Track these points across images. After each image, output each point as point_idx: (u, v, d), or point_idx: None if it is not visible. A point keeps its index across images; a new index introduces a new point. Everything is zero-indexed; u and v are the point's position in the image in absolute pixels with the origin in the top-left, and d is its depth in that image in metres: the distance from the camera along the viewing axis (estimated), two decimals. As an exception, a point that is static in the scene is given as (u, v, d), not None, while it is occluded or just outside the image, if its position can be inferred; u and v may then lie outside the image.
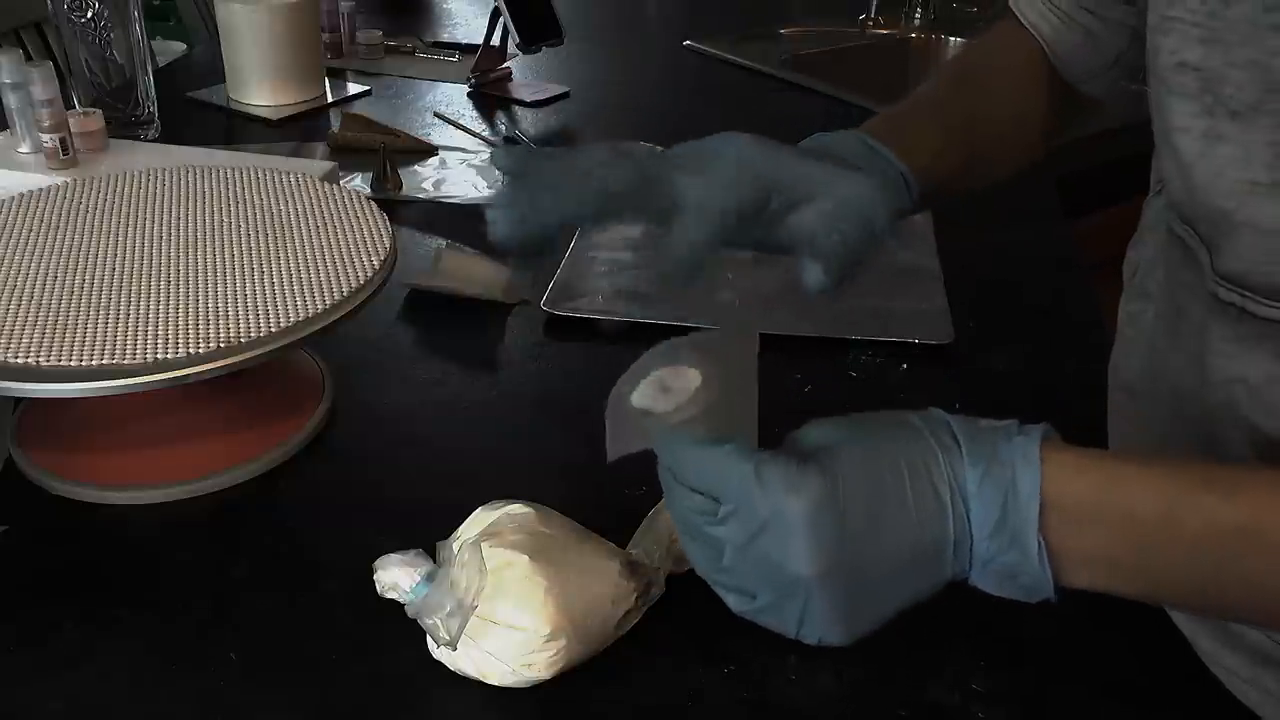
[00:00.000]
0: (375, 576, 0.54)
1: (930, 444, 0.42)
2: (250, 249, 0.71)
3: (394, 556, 0.54)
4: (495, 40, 1.42)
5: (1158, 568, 0.42)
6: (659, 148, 0.54)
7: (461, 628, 0.52)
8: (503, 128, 1.32)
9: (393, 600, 0.54)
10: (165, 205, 0.77)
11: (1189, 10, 0.46)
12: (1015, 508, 0.40)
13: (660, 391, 0.45)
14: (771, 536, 0.40)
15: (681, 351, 0.46)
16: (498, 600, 0.53)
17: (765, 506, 0.40)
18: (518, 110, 1.39)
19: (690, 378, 0.45)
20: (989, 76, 0.67)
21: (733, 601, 0.44)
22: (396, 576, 0.54)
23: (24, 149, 0.99)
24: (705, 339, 0.47)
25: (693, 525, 0.43)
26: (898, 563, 0.41)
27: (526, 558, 0.53)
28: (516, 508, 0.57)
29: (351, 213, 0.76)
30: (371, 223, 0.75)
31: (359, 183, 1.10)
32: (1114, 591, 0.42)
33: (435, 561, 0.55)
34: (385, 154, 1.09)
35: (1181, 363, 0.52)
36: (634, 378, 0.46)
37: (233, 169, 0.82)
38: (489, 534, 0.55)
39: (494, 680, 0.54)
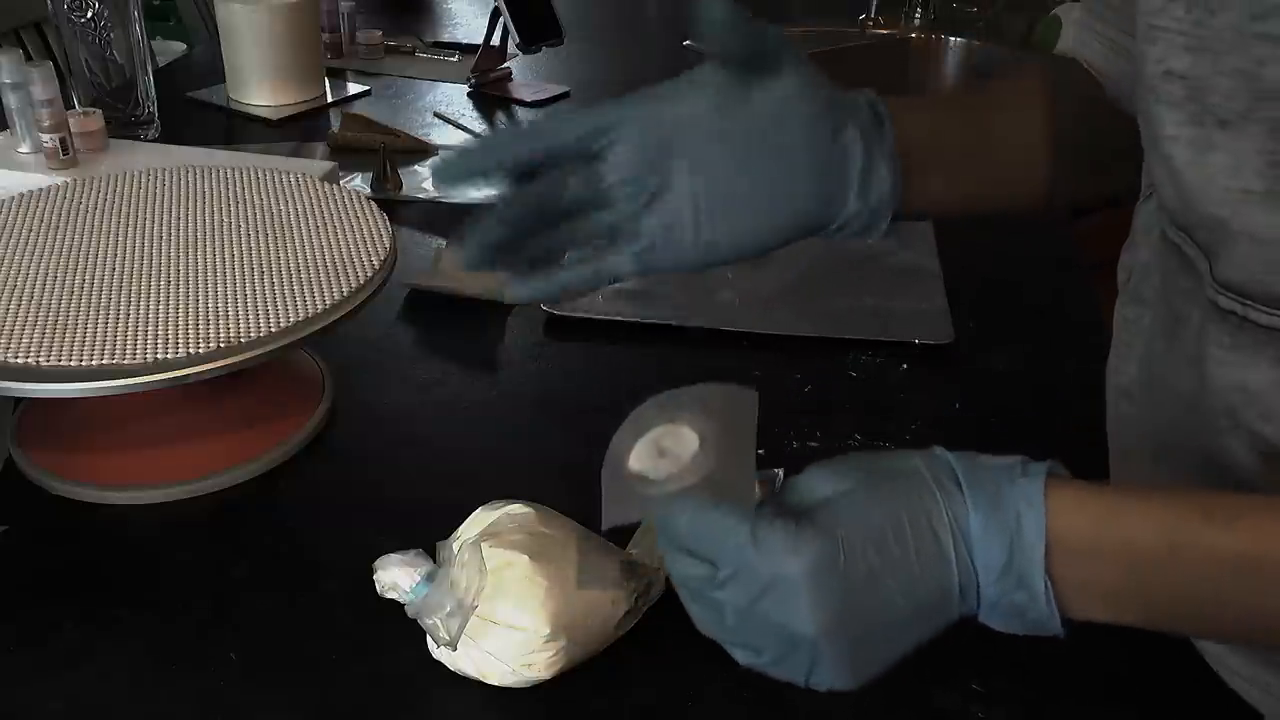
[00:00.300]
0: (375, 576, 0.54)
1: (931, 489, 0.41)
2: (250, 249, 0.71)
3: (394, 556, 0.54)
4: (495, 40, 1.42)
5: (1159, 598, 0.42)
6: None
7: (461, 628, 0.52)
8: (503, 128, 1.32)
9: (393, 600, 0.54)
10: (165, 205, 0.77)
11: (1174, 19, 0.46)
12: (1021, 551, 0.40)
13: (657, 455, 0.44)
14: (773, 599, 0.40)
15: (680, 408, 0.45)
16: (498, 600, 0.53)
17: (765, 570, 0.40)
18: (518, 110, 1.39)
19: (688, 440, 0.44)
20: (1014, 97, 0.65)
21: (740, 656, 0.44)
22: (396, 576, 0.54)
23: (24, 149, 0.99)
24: (705, 394, 0.46)
25: (693, 589, 0.43)
26: (902, 612, 0.41)
27: (526, 558, 0.53)
28: (516, 508, 0.57)
29: (351, 213, 0.76)
30: (371, 223, 0.75)
31: (359, 183, 1.10)
32: (1117, 622, 0.42)
33: (435, 561, 0.55)
34: (385, 154, 1.09)
35: (1180, 368, 0.52)
36: (631, 435, 0.45)
37: (233, 169, 0.82)
38: (489, 534, 0.55)
39: (494, 680, 0.54)
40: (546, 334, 0.86)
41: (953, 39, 1.75)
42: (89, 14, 1.13)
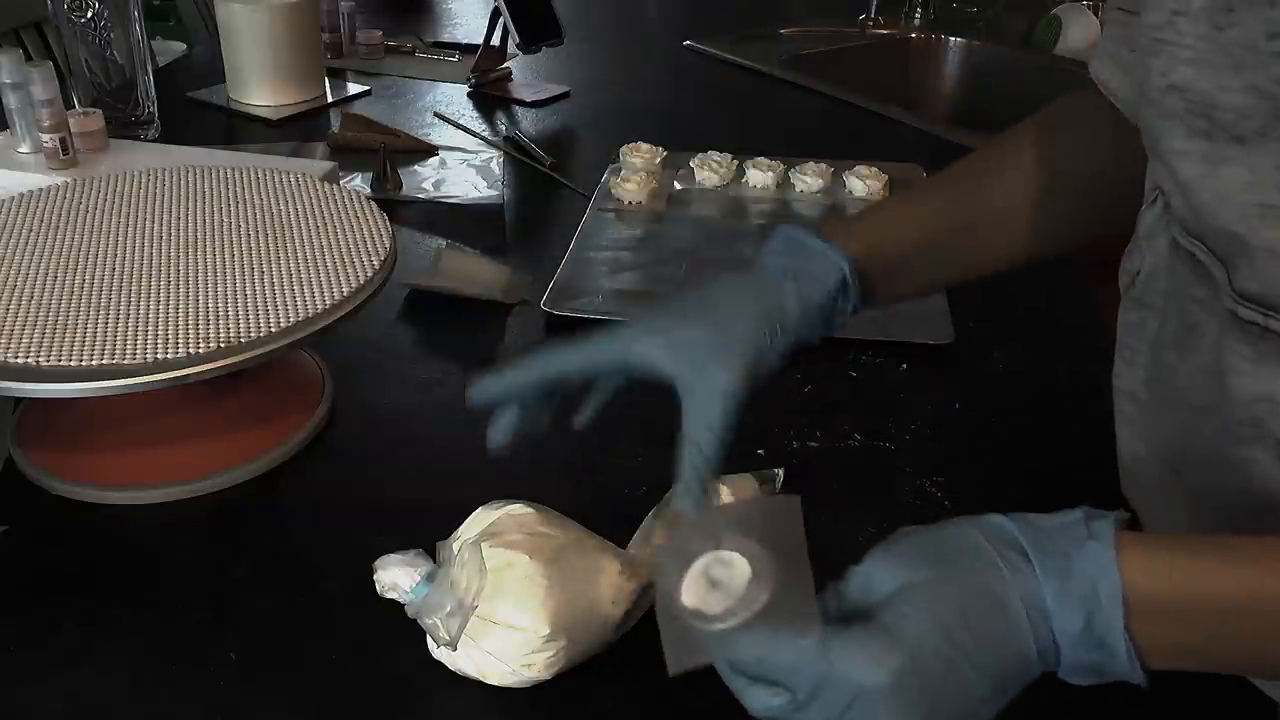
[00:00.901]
0: (375, 576, 0.54)
1: (996, 565, 0.41)
2: (250, 249, 0.71)
3: (394, 557, 0.54)
4: (495, 40, 1.42)
5: (1240, 651, 0.42)
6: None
7: (461, 628, 0.52)
8: (503, 128, 1.32)
9: (393, 600, 0.54)
10: (165, 205, 0.77)
11: (1179, 33, 0.45)
12: (1099, 616, 0.40)
13: (709, 587, 0.42)
14: (857, 713, 0.40)
15: (721, 529, 0.44)
16: (498, 600, 0.53)
17: (845, 688, 0.40)
18: (518, 110, 1.39)
19: (738, 568, 0.42)
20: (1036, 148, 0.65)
21: None
22: (396, 576, 0.54)
23: (24, 149, 0.99)
24: (744, 510, 0.46)
25: (780, 717, 0.43)
26: (982, 690, 0.41)
27: (527, 557, 0.53)
28: (517, 508, 0.57)
29: (351, 213, 0.76)
30: (371, 223, 0.75)
31: (359, 183, 1.10)
32: (1203, 670, 0.43)
33: (435, 561, 0.55)
34: (385, 154, 1.09)
35: (1196, 377, 0.51)
36: (677, 568, 0.43)
37: (233, 169, 0.83)
38: (489, 534, 0.55)
39: (494, 680, 0.54)
40: (546, 334, 0.86)
41: (953, 39, 1.75)
42: (89, 14, 1.13)
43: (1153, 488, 0.58)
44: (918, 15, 1.78)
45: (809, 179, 1.11)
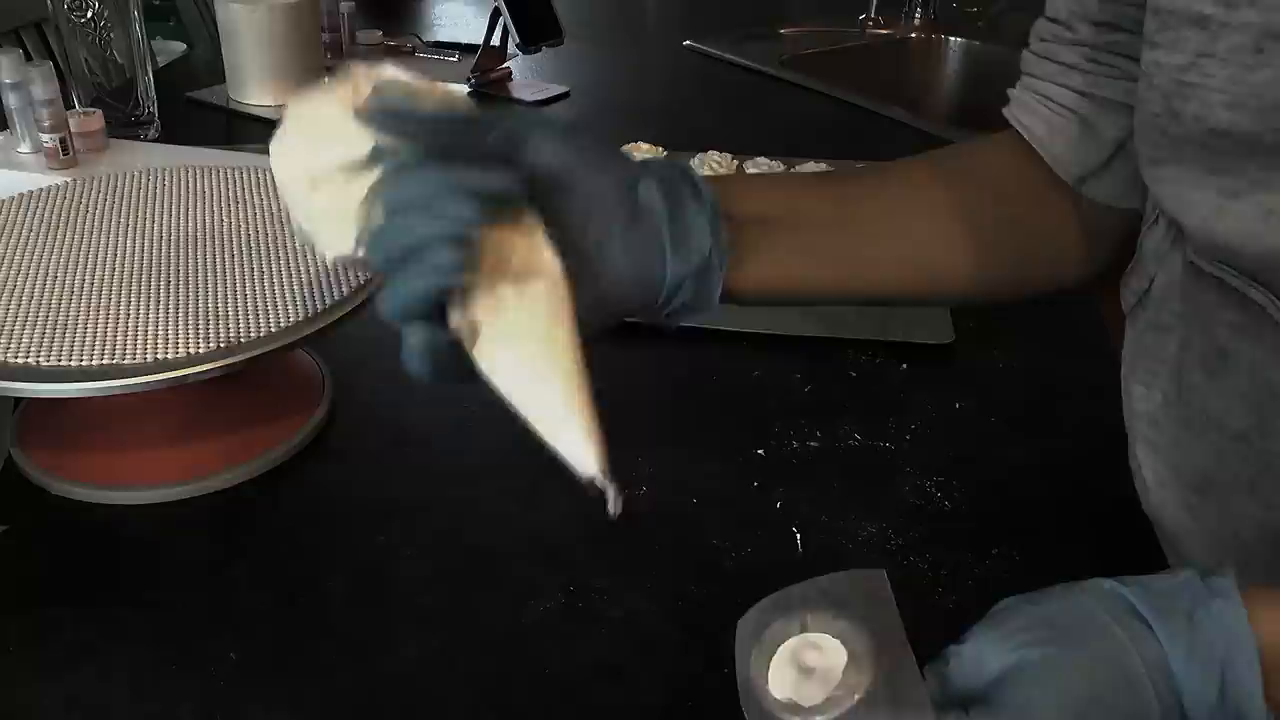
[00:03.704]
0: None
1: (1115, 635, 0.38)
2: (250, 249, 0.71)
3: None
4: (495, 40, 1.42)
5: None
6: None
7: None
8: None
9: (392, 600, 0.54)
10: (165, 205, 0.77)
11: (1206, 75, 0.44)
12: (1234, 681, 0.37)
13: (800, 674, 0.38)
14: None
15: (806, 609, 0.40)
16: None
17: None
18: (518, 110, 1.39)
19: (831, 650, 0.38)
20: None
21: None
22: None
23: (24, 149, 0.99)
24: (829, 587, 0.40)
25: None
26: None
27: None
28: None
29: (351, 213, 0.76)
30: (371, 223, 0.75)
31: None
32: None
33: None
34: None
35: (1231, 403, 0.49)
36: (762, 656, 0.39)
37: (233, 169, 0.82)
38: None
39: None
40: (546, 334, 0.86)
41: (953, 39, 1.75)
42: (89, 14, 1.13)
43: (1179, 510, 0.56)
44: (918, 15, 1.78)
45: (809, 179, 1.11)
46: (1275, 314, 0.46)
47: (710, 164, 1.12)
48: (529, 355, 0.43)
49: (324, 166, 0.44)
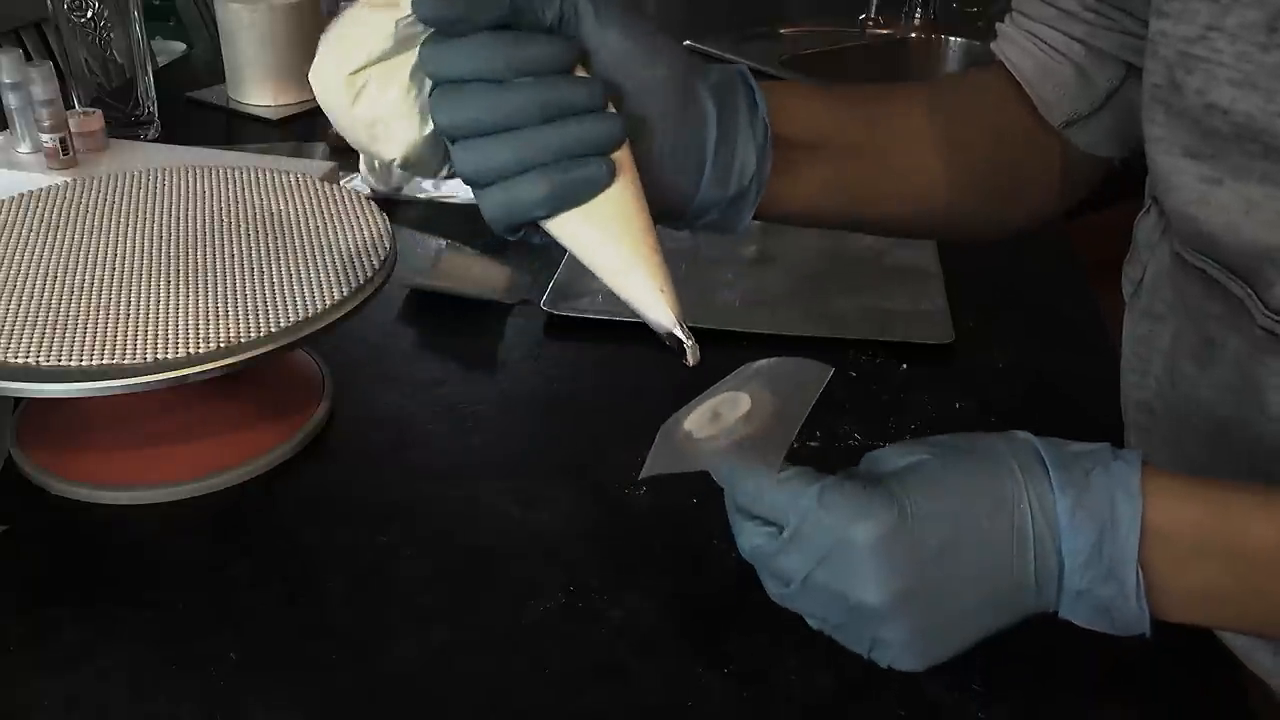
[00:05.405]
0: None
1: (1012, 468, 0.39)
2: (250, 249, 0.71)
3: None
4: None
5: (1264, 601, 0.39)
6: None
7: None
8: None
9: (392, 599, 0.54)
10: (165, 205, 0.77)
11: (1214, 50, 0.43)
12: (1113, 539, 0.38)
13: (711, 419, 0.45)
14: (836, 564, 0.39)
15: (751, 379, 0.46)
16: None
17: (830, 533, 0.39)
18: None
19: (741, 407, 0.45)
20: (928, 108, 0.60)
21: (810, 621, 0.43)
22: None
23: (24, 149, 0.99)
24: (780, 367, 0.46)
25: (761, 557, 0.42)
26: (974, 596, 0.39)
27: None
28: None
29: (351, 213, 0.76)
30: (371, 223, 0.75)
31: (359, 183, 1.10)
32: (1215, 626, 0.40)
33: None
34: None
35: (1221, 393, 0.50)
36: (698, 402, 0.46)
37: (233, 169, 0.82)
38: None
39: None
40: (546, 334, 0.86)
41: (953, 39, 1.75)
42: (89, 14, 1.13)
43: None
44: (918, 15, 1.78)
45: (809, 179, 1.11)
46: (1253, 308, 0.46)
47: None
48: (600, 216, 0.44)
49: (369, 55, 0.42)
